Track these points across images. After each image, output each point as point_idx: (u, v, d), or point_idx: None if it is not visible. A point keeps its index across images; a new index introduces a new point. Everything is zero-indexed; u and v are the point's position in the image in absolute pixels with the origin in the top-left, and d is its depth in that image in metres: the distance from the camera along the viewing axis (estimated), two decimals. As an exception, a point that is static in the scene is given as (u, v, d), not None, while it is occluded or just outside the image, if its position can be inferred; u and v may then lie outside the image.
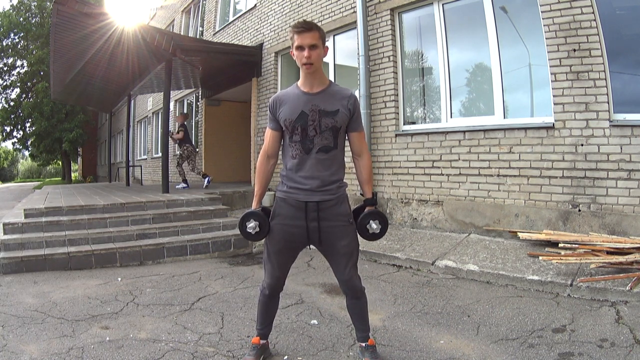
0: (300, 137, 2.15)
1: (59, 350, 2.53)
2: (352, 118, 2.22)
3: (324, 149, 2.16)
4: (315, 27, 2.16)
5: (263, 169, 2.29)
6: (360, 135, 2.28)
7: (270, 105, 2.24)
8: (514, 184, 4.67)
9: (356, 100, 2.23)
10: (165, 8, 15.49)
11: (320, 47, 2.16)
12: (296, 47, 2.17)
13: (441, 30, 5.51)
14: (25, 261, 4.41)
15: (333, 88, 2.21)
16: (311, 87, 2.18)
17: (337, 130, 2.17)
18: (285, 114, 2.17)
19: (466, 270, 3.93)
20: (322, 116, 2.14)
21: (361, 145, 2.30)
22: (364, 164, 2.30)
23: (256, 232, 2.21)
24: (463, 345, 2.54)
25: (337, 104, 2.16)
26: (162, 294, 3.67)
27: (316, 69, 2.16)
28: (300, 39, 2.15)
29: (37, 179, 50.15)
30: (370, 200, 2.27)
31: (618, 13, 4.19)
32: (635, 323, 2.70)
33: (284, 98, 2.22)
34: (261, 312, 2.38)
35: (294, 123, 2.15)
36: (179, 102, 13.51)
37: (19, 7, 25.17)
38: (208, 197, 6.62)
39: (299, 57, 2.15)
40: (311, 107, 2.15)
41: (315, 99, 2.16)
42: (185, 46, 7.49)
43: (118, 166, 17.10)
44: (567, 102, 4.27)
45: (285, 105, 2.18)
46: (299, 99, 2.17)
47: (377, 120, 6.05)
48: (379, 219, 2.23)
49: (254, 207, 2.26)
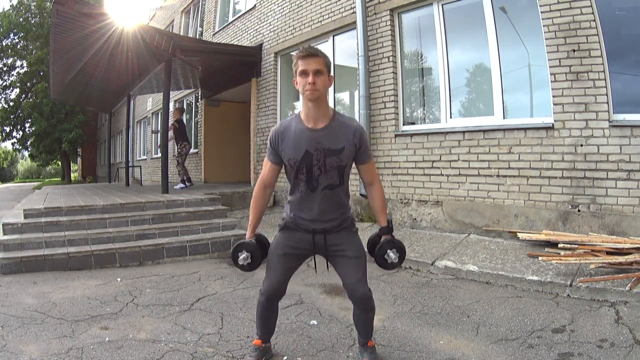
0: (306, 177, 2.11)
1: (59, 351, 2.53)
2: (360, 151, 2.13)
3: (330, 187, 2.13)
4: (320, 53, 2.05)
5: (259, 199, 2.23)
6: (369, 166, 2.21)
7: (272, 139, 2.14)
8: (514, 184, 4.67)
9: (362, 133, 2.13)
10: (164, 8, 15.49)
11: (326, 75, 2.03)
12: (300, 72, 2.03)
13: (441, 30, 5.51)
14: (25, 261, 4.40)
15: (338, 121, 2.11)
16: (315, 121, 2.07)
17: (343, 168, 2.13)
18: (289, 154, 2.10)
19: (466, 270, 3.93)
20: (327, 155, 2.07)
21: (372, 176, 2.24)
22: (376, 193, 2.24)
23: (248, 264, 2.17)
24: (463, 346, 2.54)
25: (342, 140, 2.08)
26: (161, 295, 3.67)
27: (320, 97, 2.03)
28: (305, 64, 2.01)
29: (36, 179, 50.12)
30: (386, 228, 2.21)
31: (617, 13, 4.19)
32: (634, 323, 2.70)
33: (286, 133, 2.11)
34: (261, 319, 2.31)
35: (299, 164, 2.09)
36: (179, 102, 13.50)
37: (19, 7, 25.16)
38: (207, 197, 6.62)
39: (302, 83, 2.01)
40: (316, 146, 2.06)
41: (319, 136, 2.06)
42: (184, 46, 7.49)
43: (118, 166, 17.09)
44: (567, 103, 4.27)
45: (288, 142, 2.09)
46: (303, 135, 2.07)
47: (377, 120, 6.05)
48: (397, 248, 2.17)
49: (247, 237, 2.22)
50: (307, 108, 2.08)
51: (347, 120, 2.15)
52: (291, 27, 7.84)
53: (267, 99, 8.48)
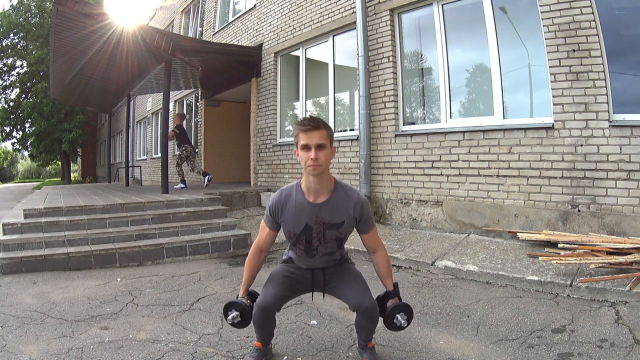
0: (305, 247, 2.16)
1: (59, 351, 2.53)
2: (360, 222, 2.16)
3: (328, 254, 2.20)
4: (323, 124, 2.02)
5: (254, 262, 2.25)
6: (372, 235, 2.22)
7: (272, 208, 2.15)
8: (514, 184, 4.68)
9: (363, 206, 2.13)
10: (164, 8, 15.49)
11: (328, 147, 2.02)
12: (301, 146, 2.01)
13: (441, 30, 5.51)
14: (25, 261, 4.40)
15: (339, 193, 2.12)
16: (316, 195, 2.09)
17: (342, 240, 2.19)
18: (288, 225, 2.13)
19: (466, 270, 3.93)
20: (326, 228, 2.11)
21: (375, 244, 2.24)
22: (381, 260, 2.25)
23: (238, 322, 2.20)
24: (462, 346, 2.54)
25: (342, 214, 2.11)
26: (161, 295, 3.66)
27: (322, 172, 2.02)
28: (307, 137, 1.98)
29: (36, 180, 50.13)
30: (393, 292, 2.23)
31: (617, 13, 4.20)
32: (634, 323, 2.70)
33: (287, 204, 2.12)
34: (258, 328, 2.29)
35: (299, 236, 2.13)
36: (179, 102, 13.52)
37: (19, 7, 25.18)
38: (207, 197, 6.62)
39: (304, 158, 1.99)
40: (316, 220, 2.09)
41: (320, 210, 2.09)
42: (184, 47, 7.48)
43: (117, 166, 17.10)
44: (567, 103, 4.28)
45: (289, 214, 2.12)
46: (303, 209, 2.09)
47: (377, 120, 6.06)
48: (405, 311, 2.19)
49: (240, 295, 2.25)
50: (308, 181, 2.09)
51: (348, 192, 2.15)
52: (291, 27, 7.84)
53: (267, 99, 8.48)
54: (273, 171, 8.24)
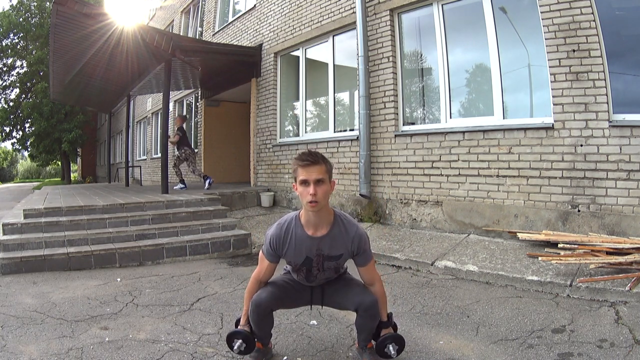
0: (305, 275, 2.25)
1: (59, 351, 2.53)
2: (358, 255, 2.19)
3: (326, 279, 2.32)
4: (321, 159, 2.04)
5: (254, 293, 2.26)
6: (369, 268, 2.23)
7: (272, 242, 2.18)
8: (514, 184, 4.68)
9: (360, 240, 2.16)
10: (164, 9, 15.49)
11: (327, 182, 2.03)
12: (300, 181, 2.02)
13: (440, 30, 5.51)
14: (25, 262, 4.40)
15: (338, 227, 2.15)
16: (315, 228, 2.12)
17: (340, 269, 2.29)
18: (289, 257, 2.21)
19: (465, 270, 3.93)
20: (325, 260, 2.18)
21: (372, 277, 2.25)
22: (377, 293, 2.25)
23: (244, 349, 2.25)
24: (462, 346, 2.54)
25: (341, 248, 2.16)
26: (161, 295, 3.66)
27: (321, 207, 2.04)
28: (306, 173, 1.99)
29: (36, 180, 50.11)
30: (387, 323, 2.26)
31: (617, 14, 4.20)
32: (634, 323, 2.70)
33: (287, 240, 2.16)
34: (256, 327, 2.28)
35: (299, 266, 2.21)
36: (179, 102, 13.52)
37: (19, 7, 25.17)
38: (207, 197, 6.62)
39: (303, 194, 2.01)
40: (316, 253, 2.15)
41: (320, 243, 2.14)
42: (184, 47, 7.48)
43: (117, 167, 17.10)
44: (567, 103, 4.28)
45: (289, 248, 2.16)
46: (303, 243, 2.14)
47: (377, 120, 6.05)
48: (396, 342, 2.22)
49: (241, 324, 2.30)
50: (307, 215, 2.11)
51: (347, 225, 2.17)
52: (291, 27, 7.84)
53: (267, 99, 8.48)
54: (273, 171, 8.24)
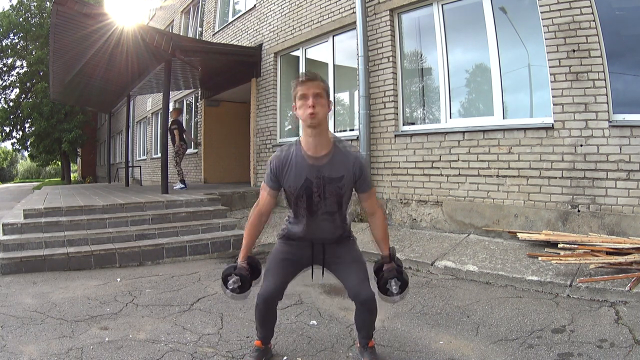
0: (306, 204, 2.15)
1: (58, 351, 2.53)
2: (359, 180, 2.16)
3: (329, 213, 2.18)
4: (320, 78, 2.08)
5: (255, 225, 2.24)
6: (370, 194, 2.23)
7: (272, 166, 2.17)
8: (514, 184, 4.68)
9: (362, 163, 2.18)
10: (164, 9, 15.49)
11: (325, 99, 2.05)
12: (299, 96, 2.05)
13: (440, 30, 5.51)
14: (25, 262, 4.40)
15: (338, 149, 2.15)
16: (315, 149, 2.10)
17: (342, 197, 2.17)
18: (289, 181, 2.14)
19: (465, 270, 3.93)
20: (326, 183, 2.11)
21: (373, 205, 2.24)
22: (378, 223, 2.25)
23: (238, 287, 2.18)
24: (462, 346, 2.54)
25: (342, 169, 2.12)
26: (161, 295, 3.66)
27: (321, 123, 2.05)
28: (304, 87, 2.03)
29: (36, 180, 50.10)
30: (388, 257, 2.23)
31: (617, 14, 4.20)
32: (634, 323, 2.70)
33: (287, 162, 2.14)
34: (260, 322, 2.30)
35: (299, 191, 2.13)
36: (179, 102, 13.50)
37: (19, 7, 25.16)
38: (207, 197, 6.62)
39: (302, 108, 2.03)
40: (316, 175, 2.10)
41: (319, 165, 2.11)
42: (184, 47, 7.48)
43: (117, 167, 17.09)
44: (567, 103, 4.28)
45: (289, 171, 2.13)
46: (303, 164, 2.11)
47: (377, 120, 6.05)
48: (398, 277, 2.19)
49: (240, 260, 2.24)
50: (307, 136, 2.10)
51: (347, 149, 2.18)
52: (291, 27, 7.84)
53: (267, 99, 8.48)
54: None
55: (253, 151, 8.86)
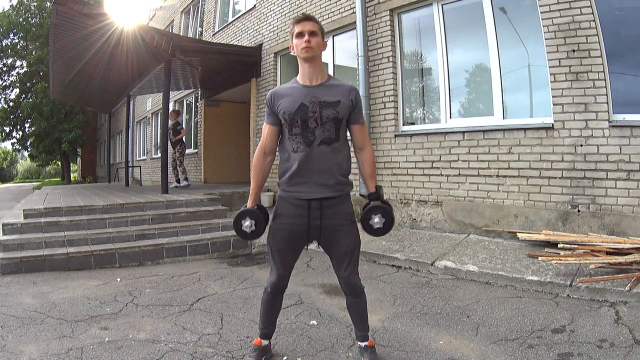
0: (301, 129, 2.09)
1: (58, 351, 2.53)
2: (354, 110, 2.18)
3: (326, 141, 2.10)
4: (315, 18, 2.20)
5: (260, 165, 2.22)
6: (362, 127, 2.25)
7: (268, 99, 2.20)
8: (513, 184, 4.68)
9: (357, 92, 2.20)
10: (164, 9, 15.49)
11: (320, 37, 2.16)
12: (296, 34, 2.17)
13: (440, 30, 5.51)
14: (25, 262, 4.40)
15: (333, 81, 2.20)
16: (310, 80, 2.16)
17: (339, 122, 2.11)
18: (284, 107, 2.12)
19: (465, 270, 3.93)
20: (322, 107, 2.10)
21: (363, 138, 2.25)
22: (366, 157, 2.25)
23: (252, 231, 2.18)
24: (462, 346, 2.54)
25: (338, 95, 2.13)
26: (161, 295, 3.66)
27: (315, 56, 2.14)
28: (301, 25, 2.15)
29: (36, 180, 50.10)
30: (374, 194, 2.22)
31: (617, 14, 4.20)
32: (634, 323, 2.70)
33: (283, 91, 2.18)
34: (264, 312, 2.32)
35: (294, 115, 2.09)
36: (179, 102, 13.51)
37: (19, 7, 25.17)
38: (207, 197, 6.62)
39: (299, 44, 2.14)
40: (311, 99, 2.11)
41: (315, 91, 2.13)
42: (184, 47, 7.49)
43: (117, 167, 17.10)
44: (567, 103, 4.28)
45: (284, 99, 2.14)
46: (299, 91, 2.14)
47: (377, 120, 6.05)
48: (382, 213, 2.16)
49: (249, 206, 2.22)
50: (303, 69, 2.18)
51: (342, 81, 2.23)
52: (291, 27, 7.83)
53: (266, 99, 8.47)
54: (273, 171, 8.22)
55: (253, 151, 8.86)
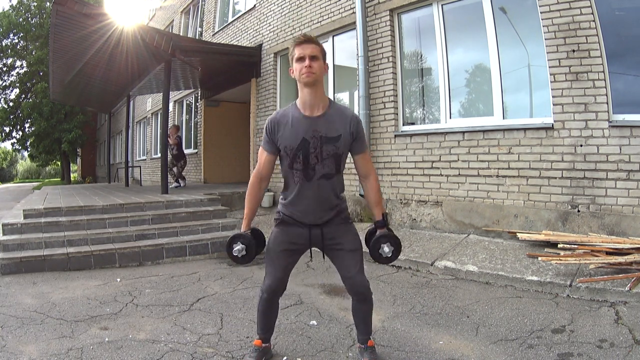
0: (302, 165, 2.10)
1: (58, 351, 2.52)
2: (355, 140, 2.14)
3: (326, 176, 2.12)
4: (316, 40, 2.11)
5: (255, 191, 2.21)
6: (364, 156, 2.21)
7: (268, 127, 2.13)
8: (513, 184, 4.68)
9: (359, 121, 2.16)
10: (164, 9, 15.49)
11: (321, 61, 2.07)
12: (296, 59, 2.07)
13: (440, 31, 5.51)
14: (25, 262, 4.40)
15: (334, 109, 2.13)
16: (311, 108, 2.09)
17: (339, 157, 2.12)
18: (285, 141, 2.09)
19: (465, 270, 3.93)
20: (323, 143, 2.08)
21: (367, 167, 2.22)
22: (371, 185, 2.23)
23: (242, 256, 2.16)
24: (462, 346, 2.54)
25: (339, 128, 2.09)
26: (161, 295, 3.66)
27: (317, 82, 2.05)
28: (301, 49, 2.07)
29: (36, 180, 50.09)
30: (381, 222, 2.20)
31: (617, 14, 4.20)
32: (634, 323, 2.70)
33: (283, 121, 2.11)
34: (261, 317, 2.30)
35: (296, 151, 2.08)
36: (178, 102, 13.51)
37: (19, 7, 25.17)
38: (207, 197, 6.62)
39: (299, 69, 2.04)
40: (312, 134, 2.07)
41: (316, 123, 2.07)
42: (184, 47, 7.49)
43: (117, 167, 17.09)
44: (567, 103, 4.28)
45: (285, 130, 2.09)
46: (300, 123, 2.08)
47: (376, 120, 6.05)
48: (391, 242, 2.16)
49: (243, 230, 2.22)
50: (303, 95, 2.10)
51: (343, 108, 2.18)
52: (291, 27, 7.84)
53: (266, 99, 8.48)
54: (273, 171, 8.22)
55: (253, 151, 8.85)
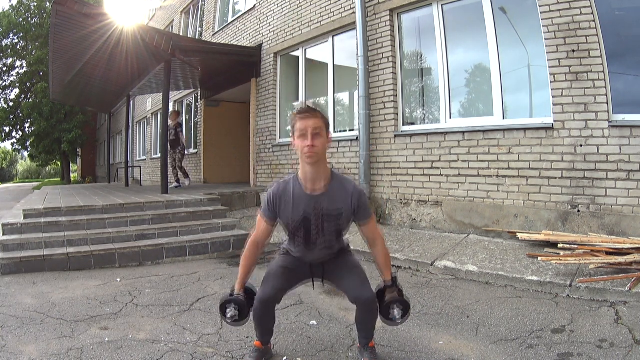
0: (304, 239, 2.16)
1: (58, 351, 2.52)
2: (358, 211, 2.15)
3: (327, 247, 2.20)
4: (319, 112, 2.07)
5: (251, 256, 2.24)
6: (370, 223, 2.21)
7: (269, 199, 2.15)
8: (513, 184, 4.68)
9: (360, 195, 2.15)
10: (164, 9, 15.49)
11: (324, 135, 2.04)
12: (298, 133, 2.04)
13: (440, 31, 5.51)
14: (25, 262, 4.40)
15: (336, 182, 2.13)
16: (313, 184, 2.09)
17: (341, 231, 2.18)
18: (287, 216, 2.13)
19: (465, 270, 3.93)
20: (325, 220, 2.11)
21: (374, 234, 2.23)
22: (379, 252, 2.24)
23: (235, 320, 2.21)
24: (462, 346, 2.54)
25: (340, 203, 2.11)
26: (161, 295, 3.66)
27: (319, 160, 2.04)
28: (303, 122, 2.01)
29: (36, 180, 50.07)
30: (390, 282, 2.23)
31: (617, 14, 4.20)
32: (634, 323, 2.70)
33: (285, 197, 2.12)
34: (258, 323, 2.30)
35: (297, 226, 2.13)
36: (178, 102, 13.51)
37: (19, 7, 25.17)
38: (207, 197, 6.62)
39: (301, 146, 2.01)
40: (314, 210, 2.09)
41: (318, 200, 2.09)
42: (184, 47, 7.49)
43: (117, 167, 17.10)
44: (566, 103, 4.28)
45: (287, 207, 2.11)
46: (301, 200, 2.10)
47: (376, 121, 6.05)
48: (402, 306, 2.21)
49: (236, 291, 2.24)
50: (305, 170, 2.09)
51: (345, 181, 2.17)
52: (291, 27, 7.84)
53: (266, 99, 8.48)
54: (273, 171, 8.24)
55: (253, 151, 8.86)
